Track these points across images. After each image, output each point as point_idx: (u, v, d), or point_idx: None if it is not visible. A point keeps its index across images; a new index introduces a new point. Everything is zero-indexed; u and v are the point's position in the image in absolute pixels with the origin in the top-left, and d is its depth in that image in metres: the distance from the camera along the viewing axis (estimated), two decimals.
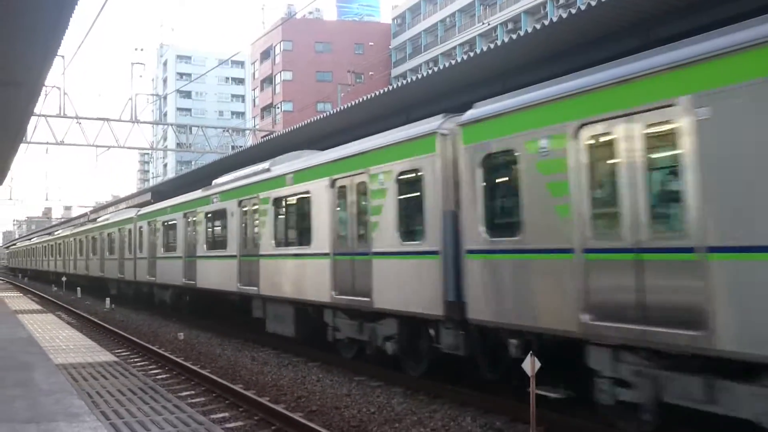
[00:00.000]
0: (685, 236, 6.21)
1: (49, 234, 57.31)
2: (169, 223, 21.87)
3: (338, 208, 11.87)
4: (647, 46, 8.07)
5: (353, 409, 9.24)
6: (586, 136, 7.21)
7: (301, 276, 13.03)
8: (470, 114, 8.96)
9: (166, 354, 13.85)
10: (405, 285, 9.97)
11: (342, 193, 11.75)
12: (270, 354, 14.14)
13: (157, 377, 11.96)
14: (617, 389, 6.96)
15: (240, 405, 9.57)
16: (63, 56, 31.49)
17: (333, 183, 11.92)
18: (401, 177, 10.16)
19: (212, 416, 8.87)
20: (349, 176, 11.47)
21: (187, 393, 10.58)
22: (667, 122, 6.43)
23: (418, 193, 9.72)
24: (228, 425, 8.55)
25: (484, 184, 8.60)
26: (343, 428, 8.40)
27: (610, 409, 7.13)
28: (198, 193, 19.56)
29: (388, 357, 10.84)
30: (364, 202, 11.09)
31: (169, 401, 7.56)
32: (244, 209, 15.91)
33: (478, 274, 8.59)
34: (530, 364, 7.17)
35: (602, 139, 7.09)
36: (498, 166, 8.54)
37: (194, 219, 19.33)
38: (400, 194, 10.20)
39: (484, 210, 8.57)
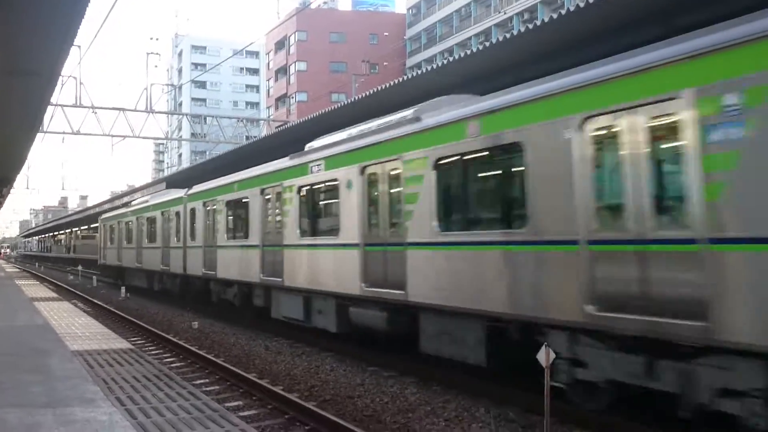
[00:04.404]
0: None
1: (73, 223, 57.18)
2: (237, 202, 17.29)
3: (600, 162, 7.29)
4: (669, 34, 7.94)
5: (366, 399, 9.25)
6: None
7: (488, 275, 8.61)
8: None
9: (180, 342, 13.92)
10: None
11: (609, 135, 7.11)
12: (283, 344, 14.17)
13: (172, 365, 12.04)
14: None
15: (254, 394, 9.61)
16: (79, 46, 31.84)
17: (583, 122, 7.30)
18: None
19: (226, 404, 8.89)
20: (634, 107, 6.79)
21: (202, 381, 10.64)
22: None
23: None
24: (242, 413, 8.56)
25: None
26: (356, 417, 8.40)
27: None
28: (285, 162, 14.67)
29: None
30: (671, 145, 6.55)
31: (184, 388, 7.60)
32: (373, 180, 11.29)
33: None
34: (545, 355, 7.13)
35: None
36: None
37: (281, 195, 14.60)
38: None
39: None
